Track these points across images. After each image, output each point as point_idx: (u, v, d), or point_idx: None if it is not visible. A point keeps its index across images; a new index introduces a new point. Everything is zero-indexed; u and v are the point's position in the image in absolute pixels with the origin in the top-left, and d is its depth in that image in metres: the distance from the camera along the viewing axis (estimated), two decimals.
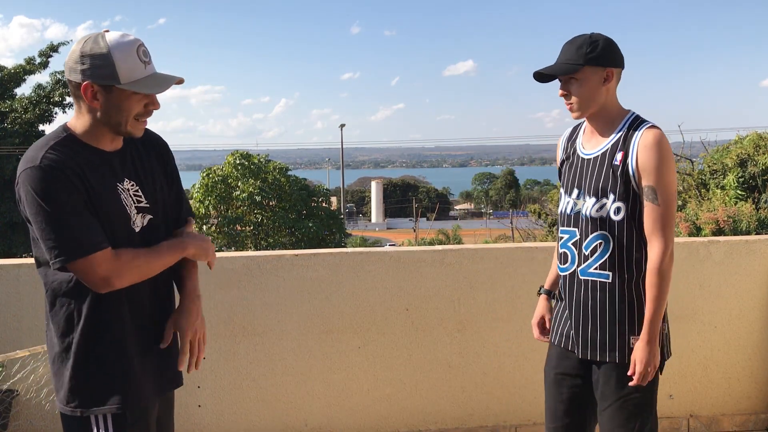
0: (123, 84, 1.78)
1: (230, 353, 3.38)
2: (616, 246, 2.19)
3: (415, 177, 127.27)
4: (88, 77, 1.77)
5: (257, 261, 3.38)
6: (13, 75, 23.47)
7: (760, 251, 3.60)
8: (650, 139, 2.13)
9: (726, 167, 6.92)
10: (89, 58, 1.77)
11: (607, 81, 2.19)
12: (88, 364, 1.83)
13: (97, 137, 1.85)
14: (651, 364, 2.15)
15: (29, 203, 1.74)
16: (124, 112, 1.82)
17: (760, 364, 3.65)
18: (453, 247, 3.56)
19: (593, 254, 2.23)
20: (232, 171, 23.70)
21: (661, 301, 2.15)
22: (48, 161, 1.74)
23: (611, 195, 2.18)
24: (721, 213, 5.92)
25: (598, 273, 2.23)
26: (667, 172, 2.13)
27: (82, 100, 1.81)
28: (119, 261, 1.78)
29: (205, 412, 3.40)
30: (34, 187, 1.72)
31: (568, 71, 2.18)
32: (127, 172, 1.90)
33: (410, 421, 3.52)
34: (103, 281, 1.76)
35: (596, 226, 2.21)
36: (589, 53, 2.16)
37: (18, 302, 3.25)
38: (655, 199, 2.12)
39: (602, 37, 2.21)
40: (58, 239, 1.72)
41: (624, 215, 2.17)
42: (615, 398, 2.22)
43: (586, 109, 2.22)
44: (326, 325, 3.43)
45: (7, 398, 3.16)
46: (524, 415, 3.57)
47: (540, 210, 12.11)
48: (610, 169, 2.19)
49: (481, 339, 3.51)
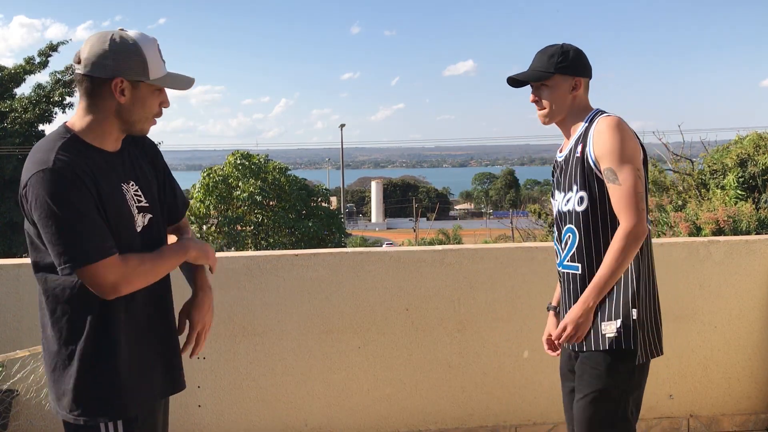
0: (152, 80, 1.79)
1: (230, 353, 3.38)
2: (582, 237, 2.24)
3: (415, 177, 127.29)
4: (120, 73, 1.75)
5: (257, 261, 3.38)
6: (13, 75, 23.45)
7: (760, 251, 3.60)
8: (603, 124, 2.20)
9: (726, 167, 6.92)
10: (122, 54, 1.75)
11: (575, 89, 2.30)
12: (95, 371, 1.80)
13: (102, 137, 1.82)
14: (574, 324, 2.17)
15: (39, 206, 1.68)
16: (147, 109, 1.83)
17: (760, 364, 3.65)
18: (453, 247, 3.56)
19: (565, 247, 2.32)
20: (233, 171, 23.70)
21: (615, 269, 2.12)
22: (61, 163, 1.69)
23: (574, 186, 2.26)
24: (721, 213, 5.92)
25: (569, 265, 2.30)
26: (623, 151, 2.15)
27: (100, 97, 1.78)
28: (127, 267, 1.75)
29: (205, 412, 3.40)
30: (46, 190, 1.67)
31: (539, 78, 2.31)
32: (128, 173, 1.89)
33: (410, 421, 3.52)
34: (111, 288, 1.73)
35: (566, 220, 2.31)
36: (559, 62, 2.28)
37: (18, 302, 3.25)
38: (615, 179, 2.15)
39: (572, 47, 2.33)
40: (69, 245, 1.68)
41: (587, 205, 2.22)
42: (588, 391, 2.22)
43: (554, 116, 2.33)
44: (326, 325, 3.43)
45: (7, 398, 3.16)
46: (524, 415, 3.57)
47: (540, 210, 12.10)
48: (574, 162, 2.27)
49: (481, 339, 3.51)
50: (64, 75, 23.39)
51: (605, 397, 2.19)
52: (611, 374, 2.19)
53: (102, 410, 1.81)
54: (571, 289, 2.30)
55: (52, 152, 1.72)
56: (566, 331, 2.19)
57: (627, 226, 2.12)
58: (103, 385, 1.81)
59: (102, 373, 1.81)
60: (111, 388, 1.82)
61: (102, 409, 1.81)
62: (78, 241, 1.68)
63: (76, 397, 1.80)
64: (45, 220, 1.68)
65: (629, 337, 2.17)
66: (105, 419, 1.80)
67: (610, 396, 2.20)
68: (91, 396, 1.80)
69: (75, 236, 1.68)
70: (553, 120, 2.34)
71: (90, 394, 1.80)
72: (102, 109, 1.79)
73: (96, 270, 1.70)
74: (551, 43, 2.36)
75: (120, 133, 1.86)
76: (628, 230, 2.11)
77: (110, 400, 1.81)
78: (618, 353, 2.17)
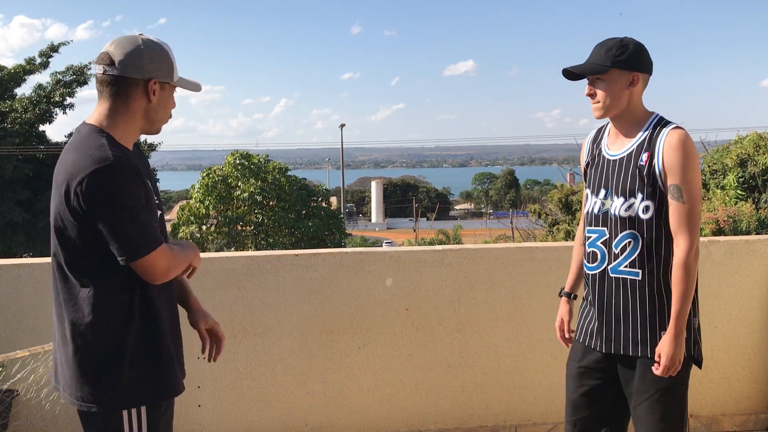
0: (175, 82, 1.91)
1: (230, 353, 3.38)
2: (644, 244, 2.24)
3: (415, 177, 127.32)
4: (155, 74, 1.86)
5: (257, 261, 3.38)
6: (13, 75, 23.44)
7: (760, 251, 3.60)
8: (675, 139, 2.19)
9: (726, 167, 6.92)
10: (157, 56, 1.86)
11: (632, 85, 2.26)
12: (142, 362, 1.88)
13: (127, 138, 1.90)
14: (676, 358, 2.19)
15: (103, 201, 1.75)
16: (168, 109, 1.95)
17: (760, 364, 3.65)
18: (453, 247, 3.56)
19: (623, 252, 2.28)
20: (232, 171, 23.70)
21: (688, 296, 2.18)
22: (120, 159, 1.77)
23: (639, 194, 2.23)
24: (721, 213, 5.92)
25: (628, 271, 2.27)
26: (691, 171, 2.18)
27: (131, 97, 1.86)
28: (173, 252, 1.89)
29: (205, 412, 3.40)
30: (113, 183, 1.75)
31: (595, 71, 2.26)
32: (146, 172, 1.97)
33: (410, 421, 3.52)
34: (164, 273, 1.85)
35: (625, 225, 2.26)
36: (617, 56, 2.24)
37: (18, 302, 3.25)
38: (680, 197, 2.17)
39: (633, 41, 2.27)
40: (135, 234, 1.78)
41: (652, 214, 2.22)
42: (653, 391, 2.26)
43: (609, 110, 2.29)
44: (326, 325, 3.43)
45: (7, 398, 3.16)
46: (524, 415, 3.57)
47: (540, 210, 12.10)
48: (636, 169, 2.24)
49: (481, 339, 3.51)
50: (65, 75, 23.39)
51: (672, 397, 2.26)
52: (675, 379, 2.24)
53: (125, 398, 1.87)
54: (629, 295, 2.28)
55: (107, 149, 1.78)
56: (673, 368, 2.19)
57: (688, 247, 2.17)
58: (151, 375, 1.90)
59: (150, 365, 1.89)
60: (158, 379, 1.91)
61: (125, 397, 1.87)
62: (142, 231, 1.79)
63: (102, 387, 1.84)
64: (109, 213, 1.76)
65: (690, 345, 2.26)
66: (128, 407, 1.87)
67: (675, 396, 2.27)
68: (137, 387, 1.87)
69: (140, 227, 1.79)
70: (608, 115, 2.30)
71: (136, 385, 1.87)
72: (131, 110, 1.88)
73: (154, 257, 1.81)
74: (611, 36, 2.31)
75: (139, 133, 1.95)
76: (687, 253, 2.17)
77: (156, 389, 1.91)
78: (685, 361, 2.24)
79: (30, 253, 21.49)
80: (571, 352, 2.50)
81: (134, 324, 1.86)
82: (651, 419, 2.26)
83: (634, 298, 2.27)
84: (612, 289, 2.31)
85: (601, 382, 2.38)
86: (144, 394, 1.88)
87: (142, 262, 1.80)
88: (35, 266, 3.26)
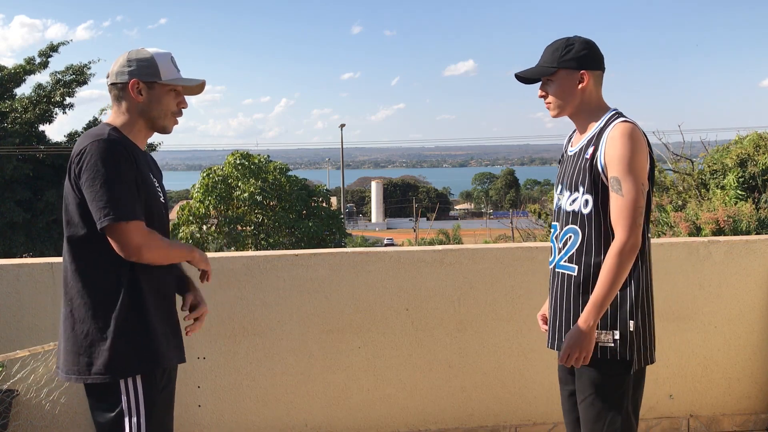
0: (163, 80, 2.12)
1: (230, 353, 3.38)
2: (583, 239, 2.21)
3: (415, 177, 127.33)
4: (135, 75, 2.11)
5: (257, 261, 3.38)
6: (13, 75, 23.41)
7: (760, 251, 3.60)
8: (618, 131, 2.15)
9: (726, 167, 6.92)
10: (136, 61, 2.12)
11: (581, 83, 2.24)
12: (129, 333, 2.02)
13: (135, 134, 2.14)
14: (578, 347, 2.12)
15: (90, 167, 1.96)
16: (163, 107, 2.15)
17: (760, 364, 3.65)
18: (453, 247, 3.55)
19: (564, 247, 2.28)
20: (232, 171, 23.69)
21: (613, 285, 2.11)
22: (114, 137, 2.03)
23: (581, 188, 2.22)
24: (721, 213, 5.92)
25: (566, 266, 2.26)
26: (633, 164, 2.12)
27: (125, 99, 2.13)
28: (152, 235, 2.03)
29: (205, 412, 3.40)
30: (99, 153, 1.97)
31: (542, 74, 2.28)
32: (152, 170, 2.21)
33: (410, 421, 3.52)
34: (136, 248, 1.98)
35: (569, 220, 2.27)
36: (563, 56, 2.24)
37: (18, 302, 3.24)
38: (619, 189, 2.13)
39: (579, 39, 2.26)
40: (109, 201, 1.95)
41: (591, 208, 2.19)
42: (586, 393, 2.23)
43: (562, 110, 2.29)
44: (326, 325, 3.43)
45: (7, 398, 3.16)
46: (524, 415, 3.57)
47: (540, 210, 12.10)
48: (582, 163, 2.24)
49: (481, 339, 3.51)
50: (65, 75, 23.38)
51: (604, 398, 2.20)
52: (608, 380, 2.20)
53: (131, 368, 2.02)
54: (564, 290, 2.26)
55: (106, 130, 2.05)
56: (572, 356, 2.14)
57: (621, 241, 2.11)
58: (137, 345, 2.04)
59: (136, 335, 2.03)
60: (144, 349, 2.05)
61: (131, 367, 2.02)
62: (117, 200, 1.96)
63: (111, 358, 2.00)
64: (92, 180, 1.97)
65: (625, 348, 2.17)
66: (133, 375, 2.02)
67: (609, 397, 2.20)
68: (125, 356, 2.01)
69: (115, 195, 1.96)
70: (562, 114, 2.31)
71: (124, 354, 2.01)
72: (128, 110, 2.14)
73: (127, 228, 1.97)
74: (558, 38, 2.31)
75: (147, 131, 2.18)
76: (622, 245, 2.10)
77: (141, 358, 2.04)
78: (614, 362, 2.18)
79: (30, 253, 21.47)
80: None
81: (120, 300, 2.02)
82: (585, 419, 2.24)
83: (569, 293, 2.24)
84: (556, 285, 2.31)
85: (574, 385, 2.33)
86: (132, 363, 2.02)
87: (113, 229, 1.96)
88: (35, 266, 3.26)
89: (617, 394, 2.20)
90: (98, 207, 1.95)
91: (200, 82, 2.20)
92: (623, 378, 2.20)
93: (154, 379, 2.07)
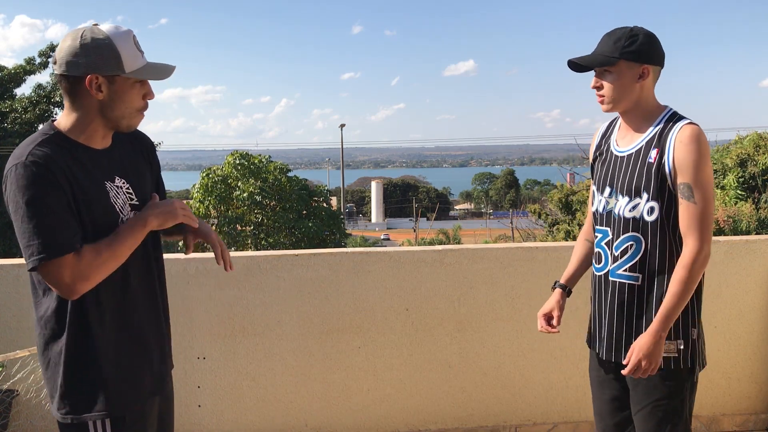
0: (128, 73, 1.75)
1: (230, 353, 3.38)
2: (648, 248, 2.12)
3: (415, 177, 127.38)
4: (93, 69, 1.73)
5: (257, 261, 3.38)
6: (14, 75, 23.46)
7: (760, 251, 3.60)
8: (688, 135, 2.05)
9: (726, 167, 6.92)
10: (93, 50, 1.72)
11: (642, 77, 2.12)
12: (79, 369, 1.79)
13: (88, 135, 1.80)
14: (648, 358, 2.06)
15: (10, 200, 1.69)
16: (128, 104, 1.79)
17: (760, 364, 3.65)
18: (453, 247, 3.55)
19: (623, 255, 2.17)
20: (232, 171, 23.69)
21: (683, 297, 2.05)
22: (34, 158, 1.68)
23: (644, 194, 2.11)
24: (721, 213, 5.92)
25: (628, 275, 2.17)
26: (704, 170, 2.04)
27: (79, 95, 1.76)
28: (81, 263, 1.70)
29: (205, 412, 3.40)
30: (15, 184, 1.67)
31: (602, 63, 2.13)
32: (117, 170, 1.86)
33: (410, 421, 3.52)
34: (68, 286, 1.69)
35: (628, 227, 2.15)
36: (626, 47, 2.10)
37: (18, 302, 3.25)
38: (691, 196, 2.04)
39: (643, 31, 2.13)
40: (31, 240, 1.67)
41: (657, 216, 2.10)
42: (645, 403, 2.18)
43: (617, 104, 2.16)
44: (326, 325, 3.43)
45: (7, 398, 3.16)
46: (524, 415, 3.57)
47: (540, 210, 12.09)
48: (644, 167, 2.12)
49: (481, 339, 3.51)
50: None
51: (666, 407, 2.16)
52: (669, 389, 2.16)
53: (88, 408, 1.79)
54: (624, 300, 2.18)
55: (29, 147, 1.71)
56: (642, 367, 2.07)
57: (695, 251, 2.04)
58: (87, 383, 1.80)
59: (86, 372, 1.79)
60: (95, 387, 1.80)
61: (88, 408, 1.80)
62: (38, 236, 1.66)
63: (63, 396, 1.80)
64: (13, 214, 1.70)
65: (688, 356, 2.15)
66: (93, 418, 1.79)
67: (669, 406, 2.16)
68: (76, 394, 1.80)
69: (38, 231, 1.66)
70: (616, 109, 2.17)
71: (76, 392, 1.80)
72: (84, 107, 1.78)
73: (52, 268, 1.68)
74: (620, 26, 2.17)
75: (107, 130, 1.83)
76: (696, 255, 2.04)
77: (95, 399, 1.80)
78: (677, 371, 2.15)
79: None
80: (590, 359, 2.42)
81: (66, 337, 1.77)
82: (644, 428, 2.19)
83: (632, 303, 2.17)
84: (611, 293, 2.21)
85: (619, 391, 2.30)
86: (85, 407, 1.79)
87: (41, 271, 1.69)
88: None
89: (677, 401, 2.17)
90: (23, 246, 1.68)
91: (171, 68, 1.84)
92: (683, 385, 2.17)
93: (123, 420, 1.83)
